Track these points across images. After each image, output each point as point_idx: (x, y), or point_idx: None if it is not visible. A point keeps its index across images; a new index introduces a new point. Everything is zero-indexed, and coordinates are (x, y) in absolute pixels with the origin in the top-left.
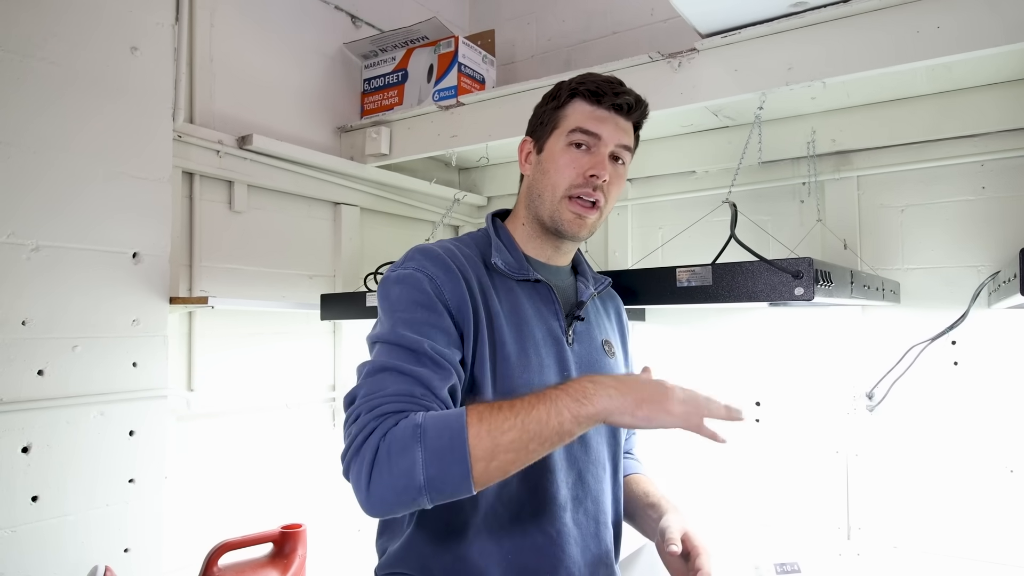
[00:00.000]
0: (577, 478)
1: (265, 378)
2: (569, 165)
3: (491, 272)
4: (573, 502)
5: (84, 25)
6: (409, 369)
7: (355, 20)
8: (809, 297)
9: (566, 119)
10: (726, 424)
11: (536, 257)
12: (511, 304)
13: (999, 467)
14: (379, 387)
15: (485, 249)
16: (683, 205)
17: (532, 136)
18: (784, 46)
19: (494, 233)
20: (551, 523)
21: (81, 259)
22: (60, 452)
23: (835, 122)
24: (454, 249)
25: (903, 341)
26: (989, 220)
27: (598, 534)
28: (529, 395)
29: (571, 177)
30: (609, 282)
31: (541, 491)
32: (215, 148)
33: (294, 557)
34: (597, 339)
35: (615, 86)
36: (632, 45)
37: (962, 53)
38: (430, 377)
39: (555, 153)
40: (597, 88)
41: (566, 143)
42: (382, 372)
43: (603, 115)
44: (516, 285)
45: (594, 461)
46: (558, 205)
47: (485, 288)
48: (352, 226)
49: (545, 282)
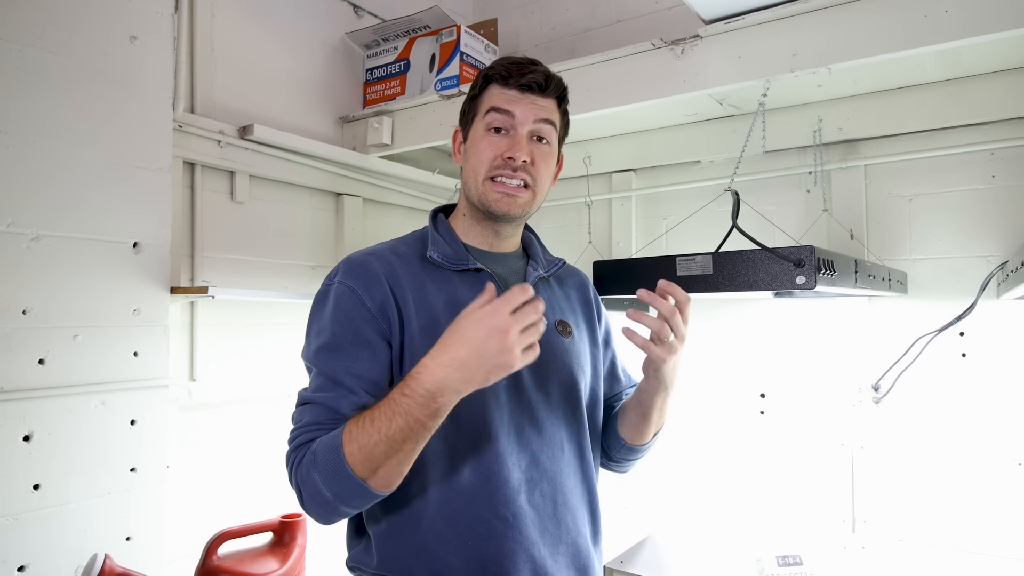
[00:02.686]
0: (531, 460)
1: (267, 368)
2: (487, 149)
3: (428, 266)
4: (528, 484)
5: (83, 14)
6: (321, 398)
7: (357, 9)
8: (811, 286)
9: (482, 104)
10: (729, 420)
11: (478, 246)
12: (448, 295)
13: (1007, 460)
14: (299, 419)
15: (424, 244)
16: (688, 195)
17: (461, 126)
18: (788, 32)
19: (432, 227)
20: (506, 506)
21: (82, 249)
22: (62, 441)
23: (842, 110)
24: (384, 251)
25: (910, 332)
26: (998, 209)
27: (556, 514)
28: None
29: (490, 160)
30: (561, 263)
31: (493, 476)
32: (216, 138)
33: (293, 546)
34: (549, 321)
35: (524, 66)
36: (637, 33)
37: (971, 38)
38: (338, 402)
39: (476, 139)
40: (506, 70)
41: (484, 128)
42: (303, 406)
43: (515, 95)
44: (455, 275)
45: (548, 443)
46: (482, 188)
47: (418, 284)
48: (354, 216)
49: (486, 270)
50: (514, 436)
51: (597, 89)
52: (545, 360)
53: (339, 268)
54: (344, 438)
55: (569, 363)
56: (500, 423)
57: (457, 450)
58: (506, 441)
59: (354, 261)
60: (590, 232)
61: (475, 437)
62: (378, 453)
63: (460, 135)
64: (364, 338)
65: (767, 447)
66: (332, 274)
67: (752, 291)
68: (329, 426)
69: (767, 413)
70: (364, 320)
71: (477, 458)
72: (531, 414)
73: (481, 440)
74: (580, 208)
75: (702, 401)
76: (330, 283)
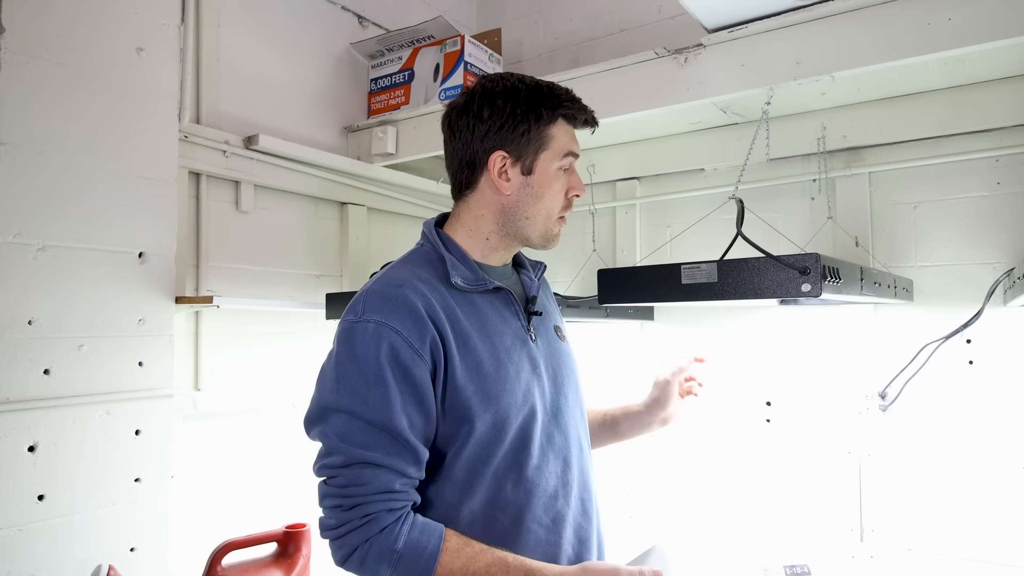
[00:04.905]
0: (564, 465)
1: (271, 378)
2: (562, 191)
3: (452, 290)
4: (563, 488)
5: (90, 26)
6: (384, 460)
7: (362, 20)
8: (816, 293)
9: (554, 140)
10: (735, 428)
11: (485, 262)
12: (478, 319)
13: (1016, 468)
14: (358, 481)
15: (439, 267)
16: (692, 203)
17: (508, 151)
18: (791, 40)
19: (444, 249)
20: (546, 513)
21: (87, 259)
22: (66, 451)
23: (846, 118)
24: (412, 280)
25: (917, 339)
26: (1004, 216)
27: (585, 511)
28: (499, 561)
29: (563, 202)
30: (544, 267)
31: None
32: (221, 148)
33: (298, 557)
34: (550, 327)
35: (584, 106)
36: (640, 43)
37: (974, 45)
38: (403, 464)
39: (551, 177)
40: (578, 110)
41: (558, 167)
42: (359, 466)
43: (575, 134)
44: (477, 297)
45: (572, 444)
46: (552, 226)
47: (450, 311)
48: (359, 226)
49: (504, 288)
50: (547, 444)
51: (601, 98)
52: (558, 365)
53: (368, 304)
54: (440, 570)
55: (572, 365)
56: (538, 435)
57: (500, 469)
58: (543, 451)
59: (389, 297)
60: (594, 240)
61: (518, 454)
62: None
63: (507, 160)
64: (415, 385)
65: (773, 456)
66: (358, 310)
67: (757, 299)
68: (400, 496)
69: (773, 421)
70: (413, 363)
71: (520, 472)
72: (558, 420)
73: (522, 455)
74: (584, 216)
75: (708, 410)
76: (361, 320)
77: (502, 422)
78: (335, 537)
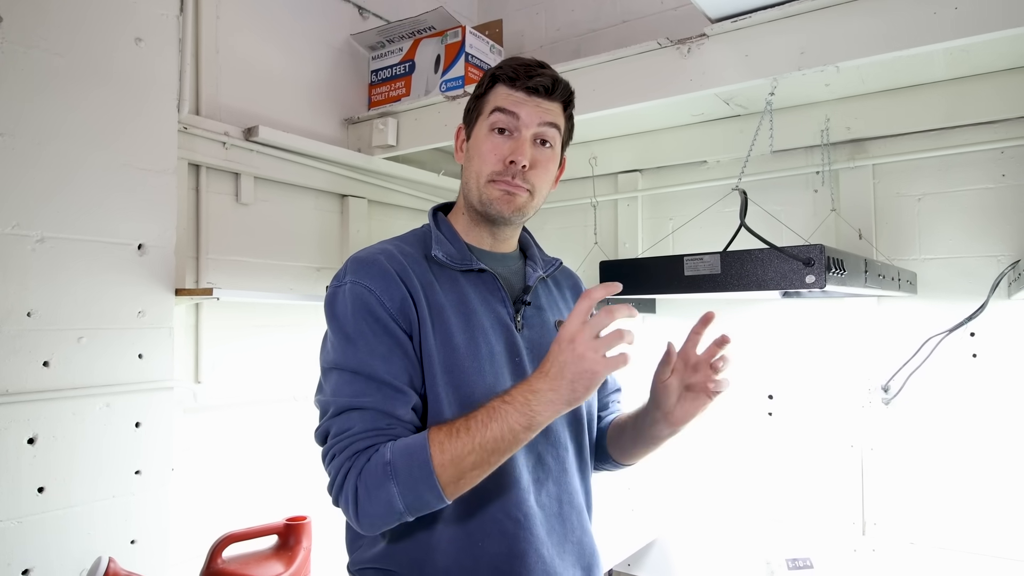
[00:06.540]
0: (537, 461)
1: (272, 370)
2: (491, 151)
3: (433, 265)
4: (535, 484)
5: (88, 16)
6: (369, 402)
7: (362, 11)
8: (821, 285)
9: (487, 104)
10: (737, 421)
11: (478, 246)
12: (457, 295)
13: (1019, 462)
14: (347, 427)
15: (427, 243)
16: (694, 195)
17: (464, 125)
18: (795, 30)
19: (435, 226)
20: (517, 507)
21: (86, 251)
22: (66, 443)
23: (850, 109)
24: (392, 249)
25: (920, 333)
26: (1009, 208)
27: (561, 513)
28: (480, 412)
29: (492, 163)
30: (558, 262)
31: (504, 477)
32: (221, 140)
33: (299, 549)
34: (549, 322)
35: (532, 68)
36: (642, 33)
37: (980, 35)
38: (391, 405)
39: (479, 139)
40: (514, 71)
41: (488, 128)
42: (347, 412)
43: (521, 97)
44: (460, 276)
45: (554, 443)
46: (483, 189)
47: (428, 283)
48: (359, 218)
49: (489, 271)
50: None
51: (603, 89)
52: None
53: (347, 268)
54: (434, 449)
55: None
56: None
57: None
58: None
59: (364, 260)
60: (596, 233)
61: None
62: (467, 464)
63: (463, 133)
64: (394, 336)
65: (776, 449)
66: (340, 274)
67: (761, 291)
68: (388, 431)
69: (775, 415)
70: (389, 319)
71: None
72: None
73: None
74: (586, 209)
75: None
76: (340, 284)
77: (467, 398)
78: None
